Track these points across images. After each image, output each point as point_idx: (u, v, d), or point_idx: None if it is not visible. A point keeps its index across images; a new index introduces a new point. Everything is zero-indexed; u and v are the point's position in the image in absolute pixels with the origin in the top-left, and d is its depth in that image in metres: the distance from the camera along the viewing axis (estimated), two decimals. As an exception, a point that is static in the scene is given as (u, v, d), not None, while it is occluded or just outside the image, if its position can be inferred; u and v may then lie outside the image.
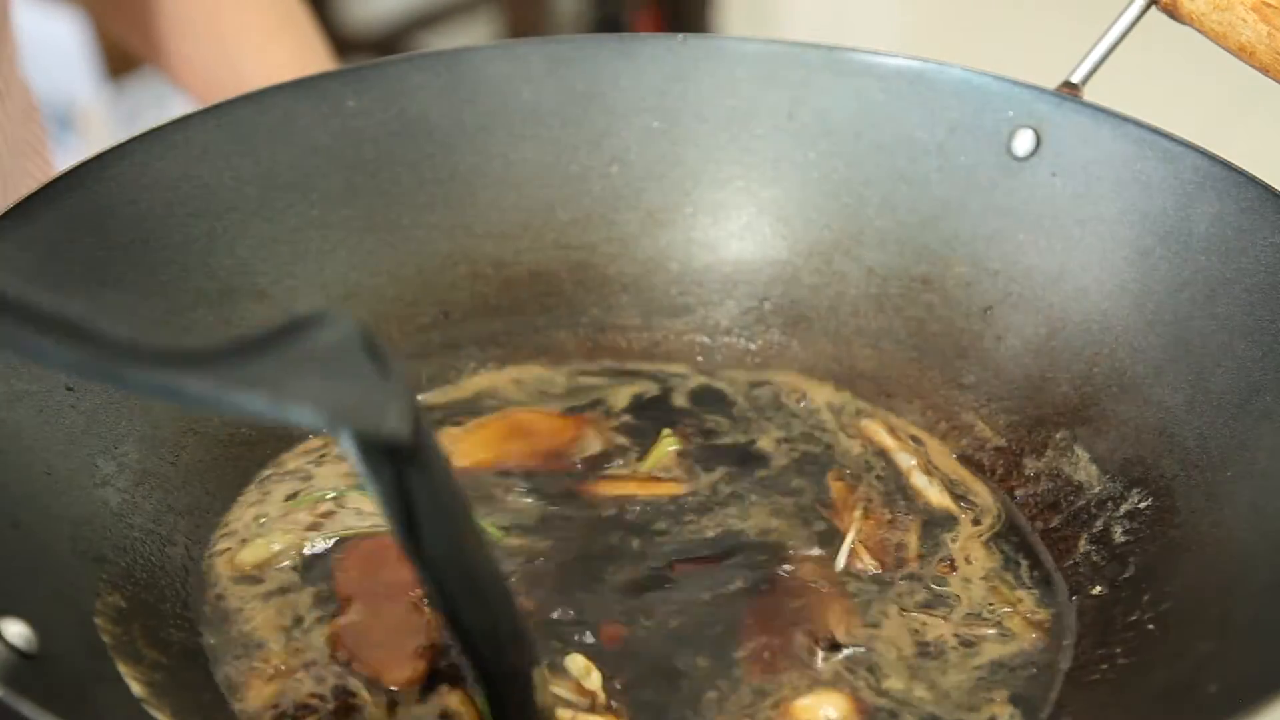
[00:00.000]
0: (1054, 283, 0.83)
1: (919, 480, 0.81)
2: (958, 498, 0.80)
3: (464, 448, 0.82)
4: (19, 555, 0.65)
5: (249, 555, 0.75)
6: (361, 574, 0.74)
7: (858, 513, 0.78)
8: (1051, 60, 0.88)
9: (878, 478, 0.81)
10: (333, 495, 0.78)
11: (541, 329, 0.90)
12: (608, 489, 0.80)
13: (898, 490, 0.80)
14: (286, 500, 0.79)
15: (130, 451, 0.74)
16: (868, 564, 0.75)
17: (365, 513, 0.77)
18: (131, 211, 0.78)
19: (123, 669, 0.65)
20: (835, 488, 0.79)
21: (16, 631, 0.60)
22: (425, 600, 0.71)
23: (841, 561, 0.75)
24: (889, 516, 0.78)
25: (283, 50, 1.12)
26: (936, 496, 0.80)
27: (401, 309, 0.88)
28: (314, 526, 0.76)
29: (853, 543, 0.76)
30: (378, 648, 0.70)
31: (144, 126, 0.80)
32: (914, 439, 0.84)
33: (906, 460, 0.82)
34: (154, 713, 0.63)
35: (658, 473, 0.81)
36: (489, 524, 0.76)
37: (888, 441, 0.83)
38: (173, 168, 0.80)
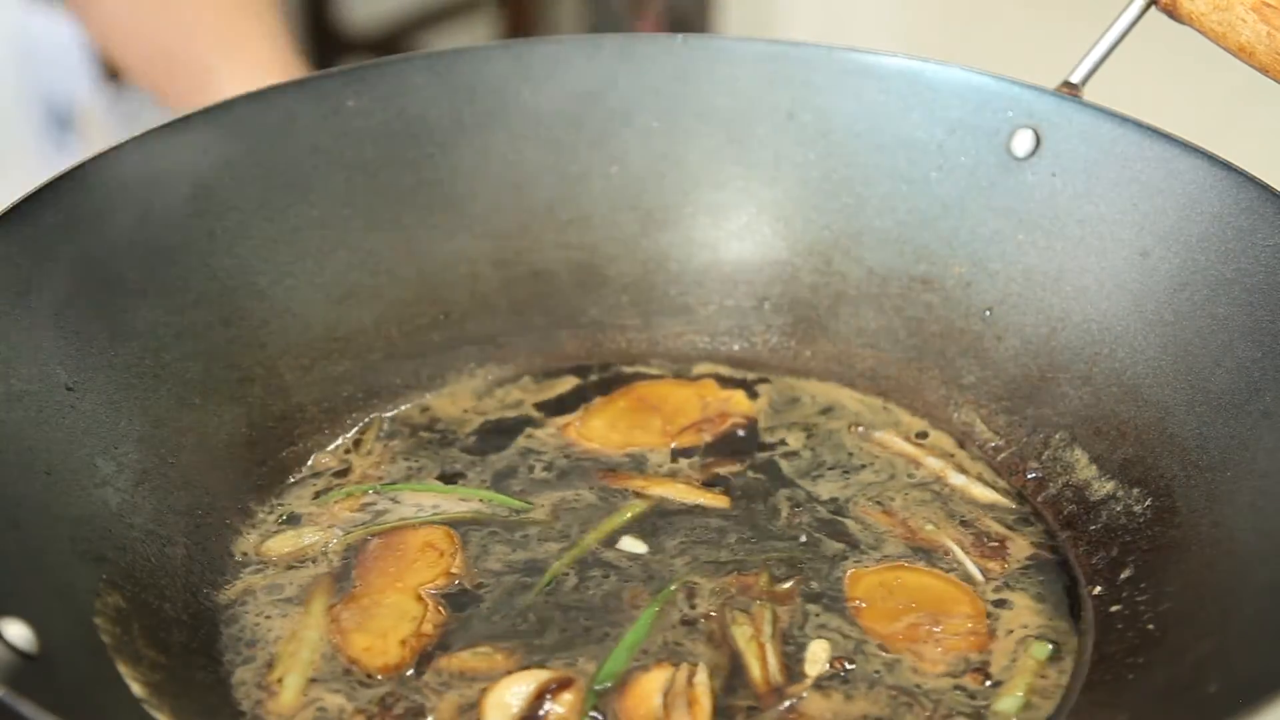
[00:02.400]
0: (1054, 283, 0.83)
1: (957, 479, 0.81)
2: (994, 487, 0.80)
3: (593, 429, 0.83)
4: (19, 555, 0.65)
5: (278, 545, 0.76)
6: (380, 563, 0.75)
7: (952, 526, 0.78)
8: (1051, 60, 0.88)
9: (913, 487, 0.81)
10: (373, 490, 0.80)
11: (541, 329, 0.90)
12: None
13: (939, 497, 0.80)
14: (316, 498, 0.80)
15: (130, 451, 0.74)
16: (975, 570, 0.75)
17: (399, 504, 0.79)
18: (131, 211, 0.78)
19: (123, 669, 0.65)
20: (877, 518, 0.79)
21: (16, 631, 0.60)
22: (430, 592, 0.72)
23: (979, 576, 0.75)
24: (959, 521, 0.78)
25: (246, 38, 1.10)
26: (980, 491, 0.80)
27: (401, 309, 0.88)
28: (347, 521, 0.78)
29: (964, 555, 0.76)
30: (367, 633, 0.70)
31: (144, 126, 0.80)
32: (920, 435, 0.84)
33: (936, 463, 0.82)
34: (154, 713, 0.63)
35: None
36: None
37: (910, 449, 0.83)
38: (173, 168, 0.80)
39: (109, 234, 0.77)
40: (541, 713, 0.66)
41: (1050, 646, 0.70)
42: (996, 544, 0.76)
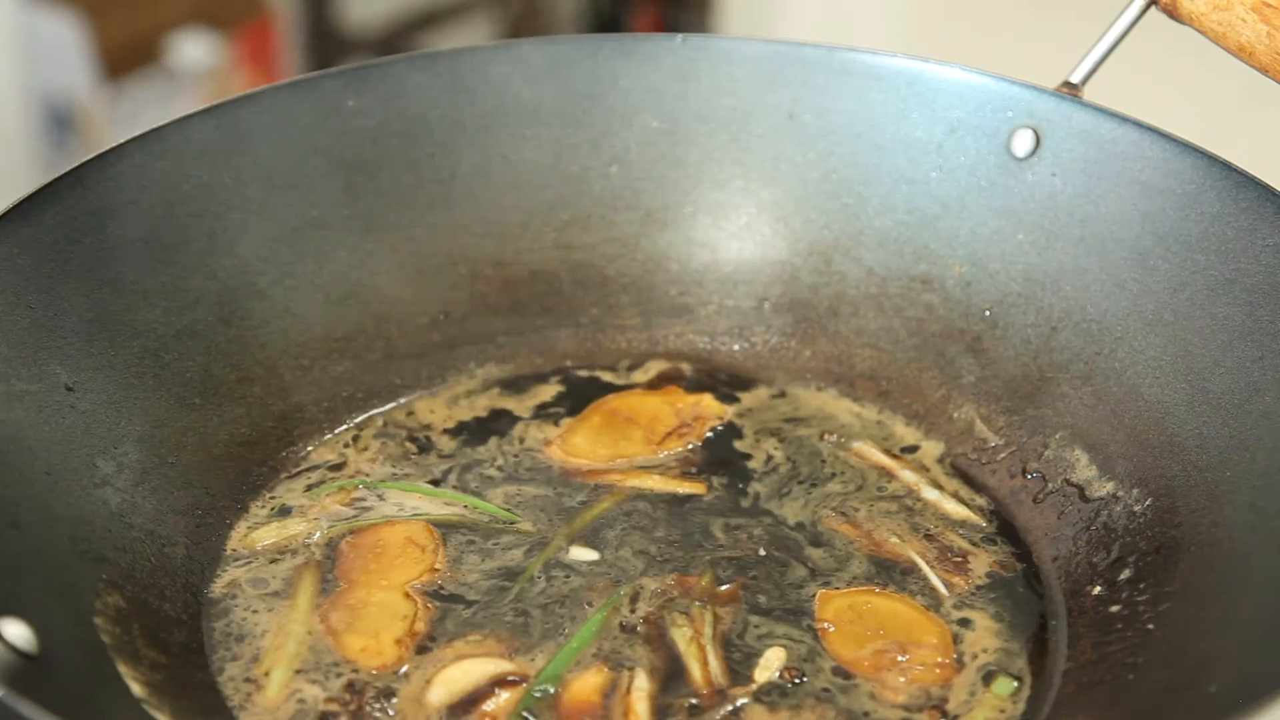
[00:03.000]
0: (1054, 283, 0.83)
1: (930, 494, 0.80)
2: (967, 504, 0.80)
3: (577, 446, 0.83)
4: (19, 555, 0.65)
5: (262, 535, 0.76)
6: (363, 561, 0.75)
7: (917, 540, 0.77)
8: (1051, 60, 0.88)
9: (883, 499, 0.80)
10: (363, 484, 0.80)
11: (541, 329, 0.90)
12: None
13: (905, 510, 0.79)
14: (308, 490, 0.80)
15: (130, 451, 0.74)
16: (940, 584, 0.74)
17: (385, 502, 0.79)
18: (131, 211, 0.78)
19: (123, 669, 0.65)
20: (840, 527, 0.78)
21: (16, 632, 0.60)
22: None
23: (943, 590, 0.74)
24: (923, 535, 0.77)
25: None
26: (952, 507, 0.79)
27: (401, 309, 0.88)
28: (334, 515, 0.78)
29: (929, 568, 0.75)
30: (360, 633, 0.71)
31: (144, 126, 0.80)
32: (909, 449, 0.84)
33: (911, 476, 0.81)
34: (154, 713, 0.63)
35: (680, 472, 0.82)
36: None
37: (886, 461, 0.82)
38: (173, 168, 0.80)
39: (109, 234, 0.77)
40: (486, 699, 0.67)
41: (1015, 683, 0.69)
42: (959, 559, 0.76)
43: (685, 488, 0.80)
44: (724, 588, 0.73)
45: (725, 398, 0.87)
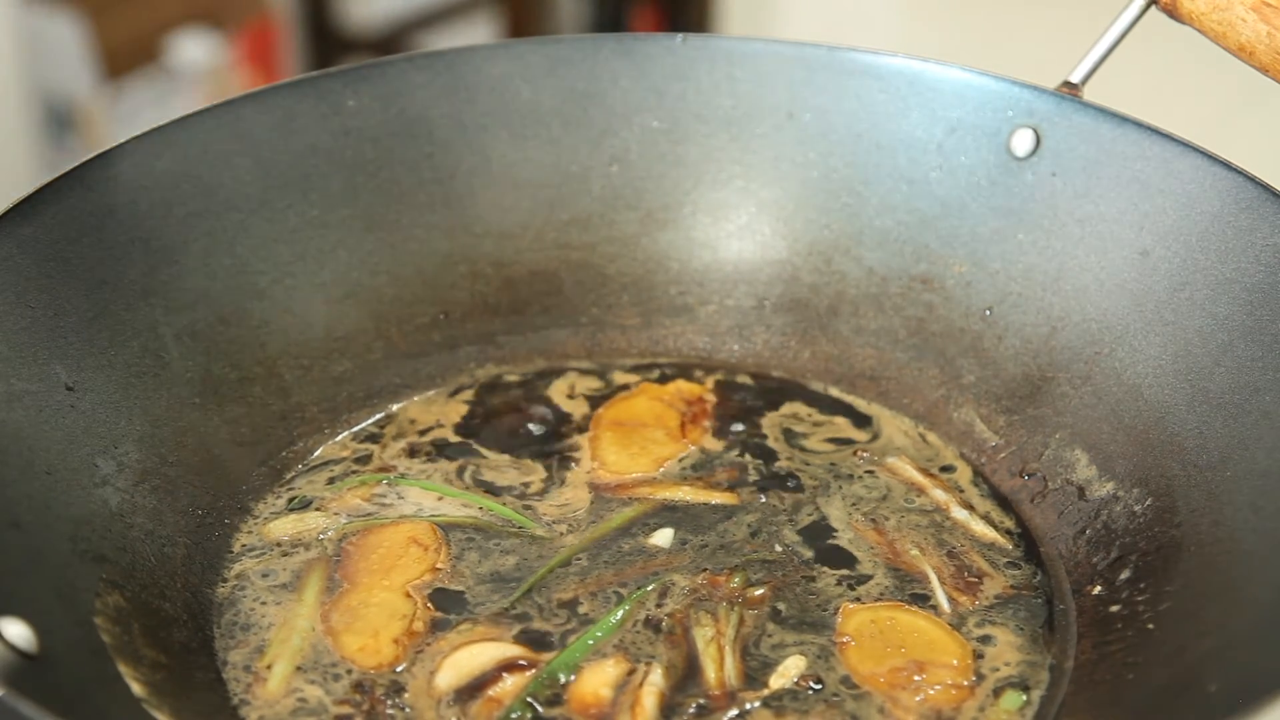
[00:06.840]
0: (1054, 283, 0.83)
1: (959, 514, 0.79)
2: (996, 526, 0.79)
3: (619, 462, 0.82)
4: (19, 555, 0.65)
5: (279, 527, 0.77)
6: (366, 561, 0.75)
7: (937, 555, 0.76)
8: (1051, 60, 0.88)
9: (912, 511, 0.79)
10: (387, 481, 0.80)
11: (541, 329, 0.90)
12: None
13: (935, 525, 0.78)
14: (330, 484, 0.80)
15: (130, 451, 0.74)
16: (944, 600, 0.74)
17: (404, 501, 0.79)
18: (131, 211, 0.78)
19: (123, 669, 0.65)
20: (867, 535, 0.78)
21: (16, 631, 0.60)
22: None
23: (946, 606, 0.73)
24: (946, 551, 0.77)
25: None
26: (980, 528, 0.78)
27: (401, 309, 0.88)
28: (353, 509, 0.78)
29: (938, 583, 0.74)
30: (358, 633, 0.71)
31: (144, 126, 0.80)
32: (945, 468, 0.83)
33: (942, 495, 0.81)
34: (154, 713, 0.63)
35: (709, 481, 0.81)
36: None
37: (919, 478, 0.82)
38: (173, 168, 0.80)
39: (109, 234, 0.77)
40: (493, 683, 0.67)
41: (1023, 696, 0.69)
42: (974, 579, 0.75)
43: (718, 498, 0.80)
44: (756, 591, 0.73)
45: (750, 409, 0.86)
